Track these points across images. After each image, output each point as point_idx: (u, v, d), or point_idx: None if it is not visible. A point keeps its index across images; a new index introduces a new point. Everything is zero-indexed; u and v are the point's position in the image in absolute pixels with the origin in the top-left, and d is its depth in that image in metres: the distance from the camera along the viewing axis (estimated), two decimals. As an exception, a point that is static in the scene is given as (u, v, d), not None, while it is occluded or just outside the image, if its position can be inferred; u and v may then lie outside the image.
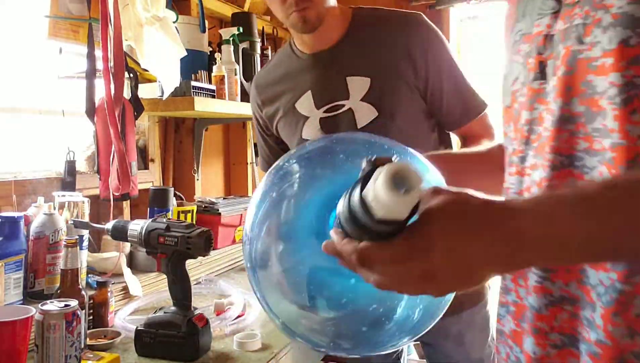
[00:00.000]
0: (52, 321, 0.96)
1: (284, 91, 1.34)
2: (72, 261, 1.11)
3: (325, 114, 1.28)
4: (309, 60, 1.31)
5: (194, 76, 1.86)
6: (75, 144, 1.62)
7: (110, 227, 1.20)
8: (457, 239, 0.52)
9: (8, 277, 1.20)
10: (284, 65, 1.38)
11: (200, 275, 1.70)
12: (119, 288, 1.41)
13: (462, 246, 0.52)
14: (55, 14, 1.51)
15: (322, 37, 1.27)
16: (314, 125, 1.29)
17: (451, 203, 0.53)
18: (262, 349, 1.19)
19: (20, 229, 1.24)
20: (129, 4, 1.51)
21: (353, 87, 1.25)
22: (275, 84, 1.38)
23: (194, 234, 1.13)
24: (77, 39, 1.56)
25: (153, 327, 1.14)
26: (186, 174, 2.18)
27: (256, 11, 2.62)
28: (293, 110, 1.32)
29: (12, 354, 0.96)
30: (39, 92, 1.62)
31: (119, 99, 1.52)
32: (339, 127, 1.26)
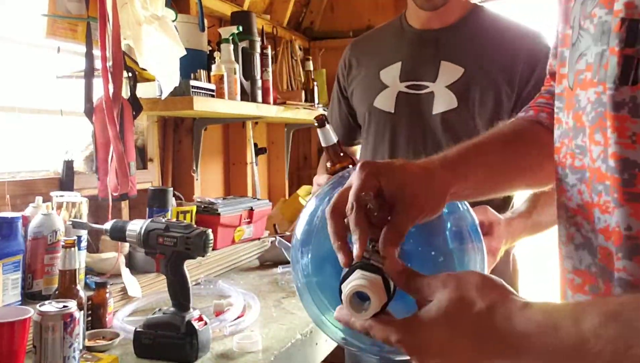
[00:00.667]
0: (50, 322, 0.95)
1: (375, 56, 1.35)
2: (70, 262, 1.11)
3: (406, 89, 1.28)
4: (413, 35, 1.32)
5: (193, 75, 1.85)
6: (74, 144, 1.61)
7: (108, 227, 1.19)
8: (451, 347, 0.54)
9: (6, 278, 1.19)
10: (388, 34, 1.40)
11: (200, 276, 1.69)
12: (117, 289, 1.41)
13: (455, 355, 0.54)
14: (54, 12, 1.50)
15: (437, 18, 1.28)
16: (390, 97, 1.29)
17: (454, 306, 0.54)
18: (261, 350, 1.19)
19: (18, 229, 1.24)
20: (128, 3, 1.50)
21: (444, 72, 1.25)
22: (371, 48, 1.40)
23: (193, 234, 1.13)
24: (76, 38, 1.55)
25: (152, 328, 1.14)
26: (185, 174, 2.18)
27: (256, 10, 2.61)
28: (376, 76, 1.33)
29: (10, 355, 0.95)
30: (37, 91, 1.62)
31: (117, 99, 1.51)
32: (414, 106, 1.26)
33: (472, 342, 0.53)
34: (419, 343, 0.55)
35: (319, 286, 0.74)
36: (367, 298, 0.58)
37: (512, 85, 1.22)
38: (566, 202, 0.64)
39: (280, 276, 1.79)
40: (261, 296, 1.54)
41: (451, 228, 0.78)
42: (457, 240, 0.78)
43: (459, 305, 0.54)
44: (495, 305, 0.53)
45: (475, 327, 0.53)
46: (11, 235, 1.22)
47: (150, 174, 2.02)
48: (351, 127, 1.47)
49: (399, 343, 0.56)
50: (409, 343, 0.55)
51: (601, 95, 0.57)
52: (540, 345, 0.50)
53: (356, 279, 0.59)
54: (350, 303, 0.58)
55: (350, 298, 0.58)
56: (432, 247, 0.76)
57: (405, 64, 1.29)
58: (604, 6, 0.57)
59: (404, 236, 0.63)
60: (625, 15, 0.54)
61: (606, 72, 0.56)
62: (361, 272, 0.59)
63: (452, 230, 0.78)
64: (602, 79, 0.56)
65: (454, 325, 0.54)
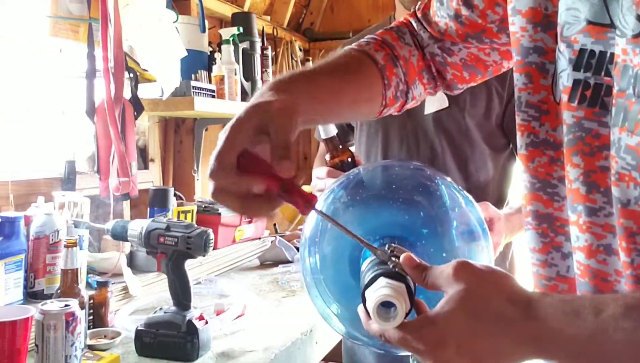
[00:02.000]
0: (52, 321, 0.96)
1: None
2: (72, 261, 1.11)
3: None
4: None
5: (194, 76, 1.86)
6: (76, 144, 1.62)
7: (110, 227, 1.20)
8: (470, 339, 0.54)
9: (8, 277, 1.20)
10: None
11: (200, 275, 1.70)
12: (119, 288, 1.41)
13: (474, 346, 0.54)
14: (56, 13, 1.51)
15: None
16: None
17: (470, 297, 0.55)
18: (262, 349, 1.19)
19: (20, 229, 1.24)
20: (129, 4, 1.51)
21: None
22: None
23: (194, 234, 1.13)
24: (77, 38, 1.56)
25: (153, 326, 1.14)
26: (186, 174, 2.18)
27: (256, 11, 2.62)
28: None
29: (12, 354, 0.96)
30: (39, 92, 1.62)
31: (119, 99, 1.52)
32: None
33: (492, 329, 0.53)
34: (439, 339, 0.55)
35: (326, 282, 0.76)
36: (390, 305, 0.57)
37: (502, 82, 1.23)
38: (540, 210, 0.65)
39: (281, 275, 1.79)
40: (261, 295, 1.55)
41: (458, 226, 0.80)
42: (465, 239, 0.80)
43: (476, 295, 0.55)
44: (513, 297, 0.54)
45: (494, 317, 0.54)
46: (13, 234, 1.22)
47: (152, 174, 2.02)
48: (344, 130, 1.48)
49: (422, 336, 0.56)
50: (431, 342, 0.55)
51: (581, 120, 0.59)
52: (559, 330, 0.51)
53: (382, 287, 0.58)
54: (378, 314, 0.58)
55: (377, 308, 0.58)
56: (442, 248, 0.77)
57: None
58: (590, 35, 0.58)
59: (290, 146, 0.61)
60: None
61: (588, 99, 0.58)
62: (386, 280, 0.59)
63: (459, 229, 0.80)
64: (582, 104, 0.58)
65: (472, 315, 0.54)
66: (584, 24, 0.58)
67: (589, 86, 0.58)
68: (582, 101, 0.58)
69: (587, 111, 0.58)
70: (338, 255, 0.74)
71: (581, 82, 0.59)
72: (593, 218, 0.59)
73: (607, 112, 0.56)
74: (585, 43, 0.58)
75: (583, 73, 0.58)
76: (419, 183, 0.83)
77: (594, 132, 0.58)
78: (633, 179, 0.53)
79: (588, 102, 0.58)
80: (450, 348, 0.54)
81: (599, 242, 0.59)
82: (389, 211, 0.78)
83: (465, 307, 0.55)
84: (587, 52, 0.58)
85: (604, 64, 0.57)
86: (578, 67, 0.59)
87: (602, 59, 0.57)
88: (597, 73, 0.57)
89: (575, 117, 0.59)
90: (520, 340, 0.53)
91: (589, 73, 0.58)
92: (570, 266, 0.63)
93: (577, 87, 0.59)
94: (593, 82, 0.58)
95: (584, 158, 0.59)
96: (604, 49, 0.57)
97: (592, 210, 0.59)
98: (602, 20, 0.56)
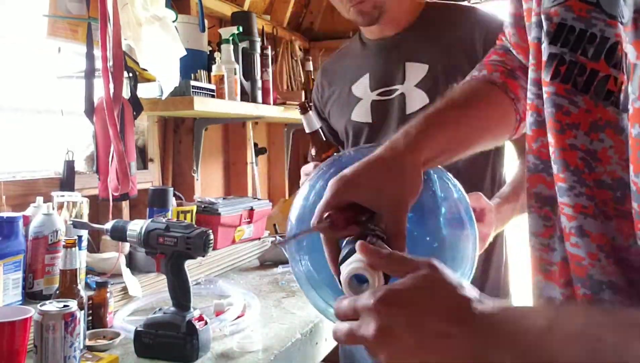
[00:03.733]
0: (51, 321, 0.95)
1: (344, 74, 1.39)
2: (71, 262, 1.11)
3: (377, 97, 1.31)
4: (373, 45, 1.35)
5: (193, 76, 1.85)
6: (74, 144, 1.61)
7: (109, 227, 1.19)
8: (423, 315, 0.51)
9: (7, 277, 1.20)
10: (352, 51, 1.43)
11: (200, 276, 1.70)
12: (118, 289, 1.41)
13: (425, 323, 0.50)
14: (54, 13, 1.50)
15: (388, 25, 1.31)
16: (365, 107, 1.32)
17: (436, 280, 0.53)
18: (261, 350, 1.19)
19: (19, 229, 1.24)
20: (128, 4, 1.50)
21: (410, 72, 1.27)
22: (339, 67, 1.43)
23: (193, 234, 1.13)
24: (76, 38, 1.55)
25: (152, 327, 1.14)
26: (186, 174, 2.18)
27: (256, 10, 2.62)
28: (348, 92, 1.36)
29: (10, 355, 0.96)
30: (37, 91, 1.62)
31: (118, 99, 1.51)
32: (389, 111, 1.28)
33: (443, 315, 0.51)
34: (391, 294, 0.52)
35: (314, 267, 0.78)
36: (366, 280, 0.57)
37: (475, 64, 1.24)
38: (544, 192, 0.63)
39: (281, 276, 1.79)
40: (261, 296, 1.55)
41: (445, 213, 0.81)
42: (452, 226, 0.81)
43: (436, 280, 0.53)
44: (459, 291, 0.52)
45: (450, 303, 0.51)
46: (12, 234, 1.22)
47: (151, 174, 2.02)
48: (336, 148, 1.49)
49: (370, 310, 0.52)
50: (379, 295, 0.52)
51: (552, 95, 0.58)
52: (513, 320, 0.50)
53: (355, 261, 0.58)
54: (349, 286, 0.58)
55: (349, 280, 0.58)
56: (427, 232, 0.79)
57: (373, 74, 1.33)
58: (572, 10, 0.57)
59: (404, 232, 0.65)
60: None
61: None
62: (359, 256, 0.59)
63: (446, 216, 0.81)
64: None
65: (432, 293, 0.52)
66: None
67: (564, 62, 0.57)
68: (555, 76, 0.57)
69: (558, 87, 0.57)
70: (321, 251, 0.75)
71: (557, 57, 0.57)
72: (564, 198, 0.58)
73: (578, 91, 0.55)
74: (565, 18, 0.57)
75: (560, 48, 0.57)
76: None
77: (565, 110, 0.57)
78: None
79: (561, 78, 0.57)
80: (399, 310, 0.51)
81: (571, 224, 0.57)
82: None
83: (431, 282, 0.53)
84: (566, 28, 0.57)
85: (583, 43, 0.55)
86: (555, 41, 0.58)
87: (581, 37, 0.56)
88: (573, 50, 0.56)
89: (547, 92, 0.58)
90: (478, 329, 0.50)
91: (566, 49, 0.57)
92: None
93: (552, 62, 0.58)
94: (569, 58, 0.56)
95: (554, 135, 0.58)
96: (584, 27, 0.55)
97: (563, 190, 0.58)
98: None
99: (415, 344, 0.50)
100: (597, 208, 0.55)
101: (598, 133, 0.54)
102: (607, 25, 0.54)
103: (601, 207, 0.55)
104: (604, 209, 0.54)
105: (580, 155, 0.56)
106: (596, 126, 0.55)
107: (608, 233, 0.54)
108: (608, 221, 0.54)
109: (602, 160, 0.54)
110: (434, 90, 1.24)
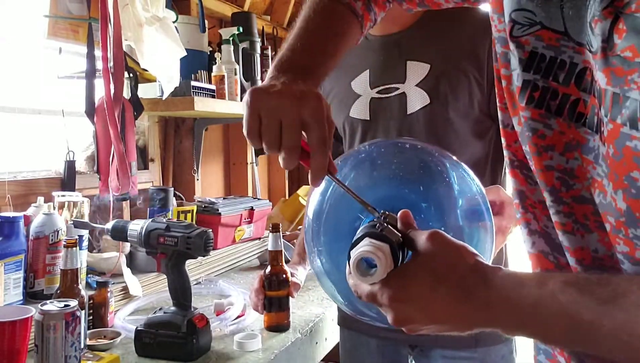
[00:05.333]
0: (52, 321, 0.95)
1: (344, 69, 1.38)
2: (71, 262, 1.11)
3: (377, 95, 1.30)
4: (374, 42, 1.34)
5: (193, 76, 1.86)
6: (75, 144, 1.62)
7: (110, 227, 1.20)
8: (431, 299, 0.58)
9: (8, 277, 1.20)
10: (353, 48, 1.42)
11: (200, 275, 1.70)
12: (118, 289, 1.41)
13: (434, 306, 0.58)
14: (55, 13, 1.50)
15: (391, 22, 1.29)
16: (364, 104, 1.31)
17: (438, 261, 0.58)
18: (261, 349, 1.19)
19: (20, 229, 1.24)
20: (129, 4, 1.51)
21: (411, 71, 1.27)
22: (340, 65, 1.42)
23: (193, 234, 1.13)
24: (77, 38, 1.56)
25: (153, 327, 1.14)
26: (186, 174, 2.18)
27: (256, 11, 2.62)
28: (348, 88, 1.35)
29: (11, 354, 0.96)
30: (38, 92, 1.62)
31: (118, 99, 1.52)
32: (388, 110, 1.28)
33: (453, 293, 0.57)
34: (401, 292, 0.58)
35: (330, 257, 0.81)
36: (375, 265, 0.59)
37: (479, 69, 1.24)
38: (526, 192, 0.66)
39: (281, 276, 1.79)
40: (261, 295, 1.55)
41: (462, 206, 0.83)
42: (468, 218, 0.82)
43: (443, 260, 0.58)
44: (476, 262, 0.58)
45: (457, 279, 0.57)
46: (13, 234, 1.23)
47: (151, 174, 2.02)
48: (333, 144, 1.49)
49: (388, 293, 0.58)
50: (391, 294, 0.58)
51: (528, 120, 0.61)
52: (507, 297, 0.55)
53: (364, 246, 0.60)
54: (357, 269, 0.60)
55: (357, 264, 0.60)
56: (443, 224, 0.80)
57: (373, 71, 1.32)
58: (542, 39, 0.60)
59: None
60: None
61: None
62: (369, 240, 0.61)
63: (463, 208, 0.83)
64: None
65: (437, 276, 0.57)
66: (538, 27, 0.60)
67: (537, 88, 0.60)
68: (529, 101, 0.60)
69: (533, 112, 0.60)
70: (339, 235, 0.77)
71: (530, 83, 0.60)
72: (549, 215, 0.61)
73: (552, 114, 0.59)
74: (536, 46, 0.60)
75: (532, 75, 0.60)
76: (424, 161, 0.87)
77: (540, 133, 0.60)
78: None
79: (535, 104, 0.60)
80: (411, 304, 0.58)
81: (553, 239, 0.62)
82: (393, 185, 0.82)
83: (432, 269, 0.58)
84: (537, 56, 0.60)
85: (553, 70, 0.59)
86: (528, 69, 0.61)
87: (552, 64, 0.59)
88: (545, 77, 0.59)
89: (524, 116, 0.61)
90: (478, 306, 0.56)
91: (538, 75, 0.60)
92: (536, 242, 0.65)
93: (526, 88, 0.61)
94: (541, 84, 0.59)
95: (533, 158, 0.61)
96: (554, 55, 0.58)
97: (546, 207, 0.61)
98: (556, 27, 0.58)
99: (428, 320, 0.59)
100: (576, 223, 0.58)
101: (573, 152, 0.58)
102: (575, 52, 0.57)
103: (582, 221, 0.57)
104: (586, 223, 0.57)
105: (557, 175, 0.59)
106: (570, 146, 0.58)
107: (590, 245, 0.57)
108: (589, 234, 0.57)
109: (579, 177, 0.57)
110: (435, 90, 1.24)
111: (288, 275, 1.30)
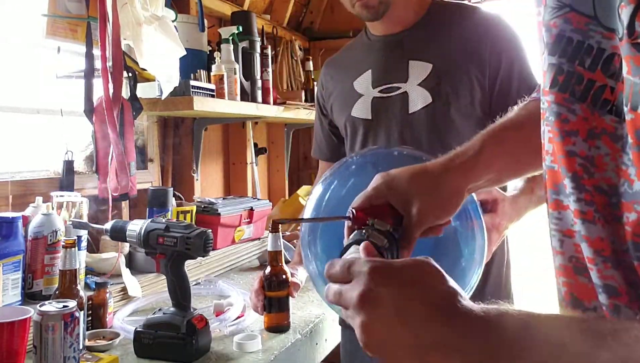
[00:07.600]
0: (51, 322, 0.95)
1: (347, 69, 1.39)
2: (70, 262, 1.11)
3: (379, 94, 1.30)
4: (377, 42, 1.35)
5: (193, 76, 1.85)
6: (74, 144, 1.61)
7: (109, 227, 1.19)
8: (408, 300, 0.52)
9: (6, 278, 1.19)
10: (356, 47, 1.44)
11: (200, 276, 1.69)
12: (117, 289, 1.41)
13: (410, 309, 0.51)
14: (54, 12, 1.50)
15: (393, 22, 1.31)
16: (366, 103, 1.32)
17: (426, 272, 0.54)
18: (261, 350, 1.19)
19: (18, 229, 1.24)
20: (128, 3, 1.50)
21: (413, 71, 1.27)
22: (342, 63, 1.44)
23: (193, 234, 1.13)
24: (76, 38, 1.55)
25: (152, 328, 1.14)
26: (185, 174, 2.17)
27: (256, 10, 2.61)
28: (350, 87, 1.36)
29: (10, 355, 0.95)
30: (37, 91, 1.62)
31: (117, 99, 1.51)
32: (390, 109, 1.29)
33: (428, 299, 0.52)
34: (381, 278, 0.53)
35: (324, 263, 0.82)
36: None
37: (482, 69, 1.24)
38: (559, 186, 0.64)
39: (281, 276, 1.78)
40: (261, 296, 1.54)
41: None
42: (458, 218, 0.83)
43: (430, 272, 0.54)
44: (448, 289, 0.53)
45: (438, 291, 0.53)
46: (11, 235, 1.22)
47: (151, 174, 2.02)
48: (335, 144, 1.50)
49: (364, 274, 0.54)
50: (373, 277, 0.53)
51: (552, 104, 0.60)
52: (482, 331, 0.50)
53: (352, 253, 0.61)
54: None
55: None
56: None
57: (375, 71, 1.32)
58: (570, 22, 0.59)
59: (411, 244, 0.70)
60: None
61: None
62: (357, 247, 0.62)
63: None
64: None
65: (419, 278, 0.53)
66: (567, 9, 0.58)
67: (562, 72, 0.59)
68: (554, 85, 0.60)
69: (557, 95, 0.59)
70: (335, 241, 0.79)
71: (555, 67, 0.60)
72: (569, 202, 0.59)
73: (576, 99, 0.57)
74: (564, 29, 0.59)
75: (558, 58, 0.59)
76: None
77: (563, 117, 0.59)
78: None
79: (559, 87, 0.59)
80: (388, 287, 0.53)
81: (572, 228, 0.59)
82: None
83: (420, 271, 0.54)
84: (564, 39, 0.59)
85: (580, 54, 0.57)
86: (553, 52, 0.60)
87: (578, 49, 0.57)
88: (571, 61, 0.58)
89: (547, 101, 0.61)
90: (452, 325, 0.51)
91: (564, 59, 0.59)
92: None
93: (551, 71, 0.60)
94: (567, 68, 0.58)
95: (556, 143, 0.60)
96: (582, 38, 0.57)
97: (565, 194, 0.59)
98: (585, 10, 0.57)
99: (394, 314, 0.52)
100: (596, 212, 0.56)
101: (595, 140, 0.56)
102: (603, 38, 0.55)
103: (601, 211, 0.56)
104: (604, 214, 0.55)
105: (579, 161, 0.57)
106: (593, 134, 0.56)
107: (609, 236, 0.55)
108: (608, 225, 0.55)
109: (598, 167, 0.56)
110: (437, 89, 1.24)
111: (288, 276, 1.29)
